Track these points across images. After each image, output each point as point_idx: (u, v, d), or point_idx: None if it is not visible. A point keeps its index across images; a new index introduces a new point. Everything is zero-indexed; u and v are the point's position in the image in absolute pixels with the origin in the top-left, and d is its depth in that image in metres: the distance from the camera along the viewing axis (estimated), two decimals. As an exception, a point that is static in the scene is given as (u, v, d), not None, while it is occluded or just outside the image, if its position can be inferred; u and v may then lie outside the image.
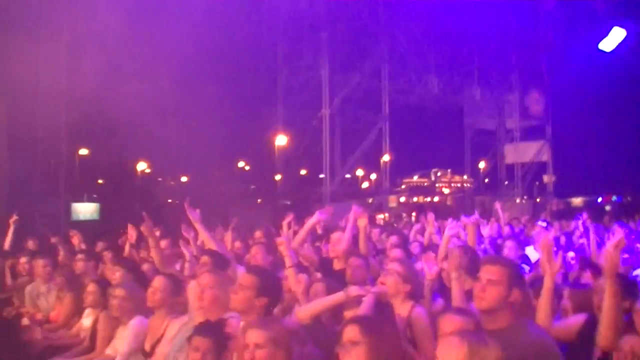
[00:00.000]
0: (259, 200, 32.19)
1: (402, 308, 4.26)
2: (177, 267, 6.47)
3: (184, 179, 37.47)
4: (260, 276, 3.88)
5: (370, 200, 29.80)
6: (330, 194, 25.20)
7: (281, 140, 27.57)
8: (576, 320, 4.02)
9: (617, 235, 3.40)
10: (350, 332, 2.91)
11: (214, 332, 3.54)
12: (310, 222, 6.37)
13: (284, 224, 7.18)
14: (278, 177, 29.03)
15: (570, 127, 35.06)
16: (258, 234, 8.79)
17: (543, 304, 3.78)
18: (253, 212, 22.54)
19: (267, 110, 27.60)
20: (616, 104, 40.18)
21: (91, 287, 5.52)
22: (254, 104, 26.03)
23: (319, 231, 9.30)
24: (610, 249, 3.35)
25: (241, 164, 37.67)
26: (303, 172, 30.68)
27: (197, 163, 27.78)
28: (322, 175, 26.04)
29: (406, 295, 4.38)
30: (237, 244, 7.70)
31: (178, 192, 31.10)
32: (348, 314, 3.76)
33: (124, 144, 22.15)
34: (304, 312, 3.98)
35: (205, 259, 5.16)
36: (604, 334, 3.39)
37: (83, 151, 26.16)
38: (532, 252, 8.08)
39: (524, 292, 3.90)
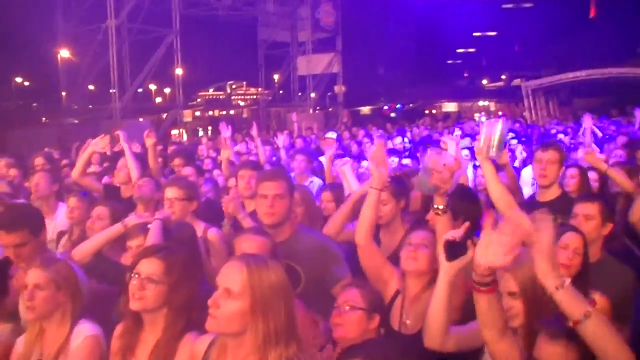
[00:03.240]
0: (43, 119, 29.64)
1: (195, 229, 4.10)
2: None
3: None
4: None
5: (164, 116, 28.80)
6: (121, 110, 23.81)
7: (64, 53, 25.28)
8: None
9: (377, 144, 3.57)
10: (149, 267, 2.71)
11: None
12: (88, 150, 5.92)
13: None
14: (63, 93, 26.75)
15: (359, 39, 36.53)
16: (39, 160, 7.91)
17: (341, 210, 3.90)
18: (34, 132, 20.76)
19: (48, 20, 24.94)
20: (399, 19, 42.52)
21: None
22: (30, 13, 23.29)
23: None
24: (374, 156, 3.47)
25: (19, 79, 34.16)
26: (91, 87, 28.56)
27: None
28: (112, 91, 24.43)
29: (194, 215, 4.27)
30: (13, 171, 6.94)
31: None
32: (132, 243, 3.59)
33: None
34: (80, 251, 3.73)
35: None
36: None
37: None
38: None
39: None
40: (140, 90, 28.31)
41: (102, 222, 4.30)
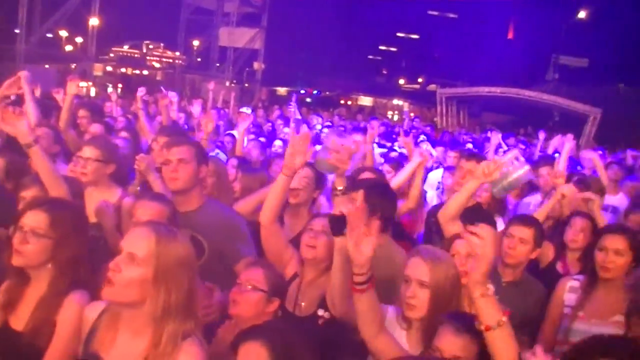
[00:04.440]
0: None
1: (109, 194, 3.90)
2: None
3: None
4: None
5: (73, 66, 27.41)
6: (25, 52, 22.38)
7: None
8: None
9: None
10: (34, 220, 2.53)
11: None
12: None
13: None
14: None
15: (284, 19, 36.35)
16: None
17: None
18: None
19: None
20: (327, 5, 42.71)
21: None
22: None
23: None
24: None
25: None
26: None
27: None
28: (17, 31, 22.92)
29: (110, 179, 3.99)
30: None
31: None
32: (26, 194, 3.41)
33: None
34: None
35: None
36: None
37: None
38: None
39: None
40: (49, 35, 26.79)
41: None
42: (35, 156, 3.25)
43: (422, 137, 10.54)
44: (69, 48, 36.05)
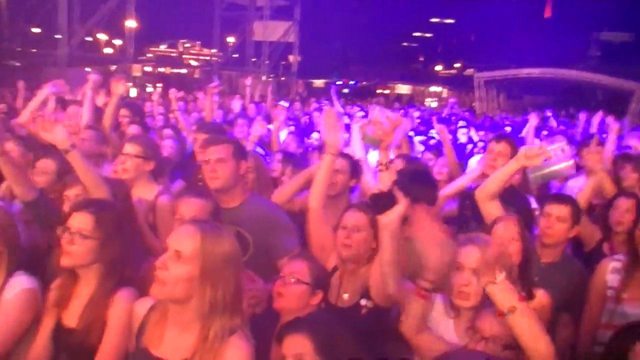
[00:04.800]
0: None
1: (147, 191, 3.96)
2: None
3: None
4: None
5: (112, 68, 27.93)
6: (66, 57, 22.90)
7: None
8: None
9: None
10: (79, 221, 2.59)
11: None
12: (42, 93, 5.60)
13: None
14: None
15: (317, 10, 36.27)
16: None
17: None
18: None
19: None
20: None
21: None
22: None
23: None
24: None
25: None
26: (36, 30, 27.34)
27: None
28: (58, 36, 23.44)
29: (150, 176, 4.06)
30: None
31: None
32: (69, 192, 3.42)
33: None
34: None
35: None
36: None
37: None
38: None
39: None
40: (89, 39, 27.33)
41: (46, 176, 4.05)
42: (74, 161, 3.31)
43: (461, 122, 10.44)
44: (108, 50, 36.70)
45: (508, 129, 11.11)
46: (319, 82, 44.27)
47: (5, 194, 4.16)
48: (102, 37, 32.29)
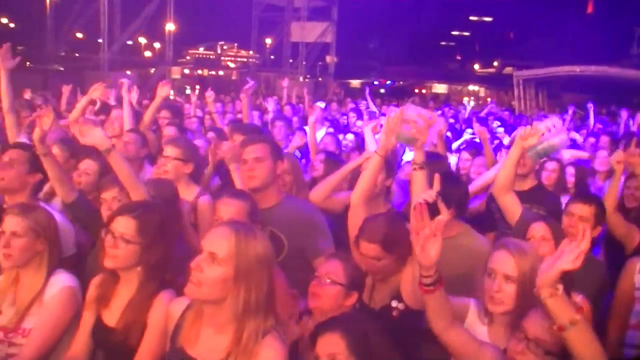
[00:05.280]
0: (27, 64, 29.02)
1: (187, 192, 4.02)
2: None
3: None
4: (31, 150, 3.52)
5: (152, 71, 28.42)
6: (108, 61, 23.43)
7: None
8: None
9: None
10: (123, 226, 2.64)
11: None
12: (87, 97, 5.74)
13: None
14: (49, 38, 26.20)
15: (354, 11, 36.22)
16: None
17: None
18: (18, 76, 20.21)
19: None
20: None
21: None
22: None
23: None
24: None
25: (4, 20, 33.36)
26: (79, 35, 27.98)
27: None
28: (100, 40, 23.98)
29: (189, 178, 4.13)
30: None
31: None
32: (106, 195, 3.52)
33: None
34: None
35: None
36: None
37: None
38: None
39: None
40: (129, 42, 27.84)
41: (88, 177, 4.17)
42: (114, 161, 3.31)
43: (496, 122, 10.31)
44: (147, 54, 37.37)
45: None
46: (355, 83, 44.20)
47: (45, 194, 4.32)
48: (142, 40, 32.88)
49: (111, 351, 2.67)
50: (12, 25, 33.71)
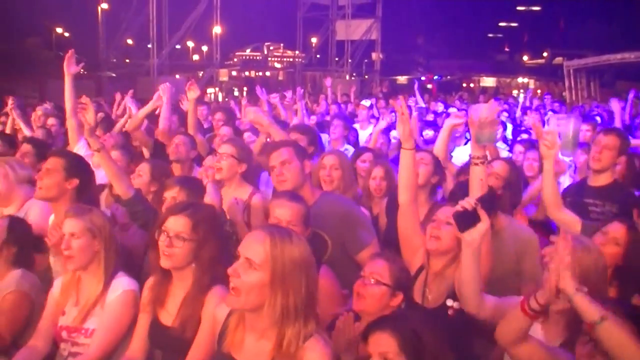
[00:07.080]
0: (81, 71, 29.80)
1: (241, 191, 4.08)
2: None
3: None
4: (68, 157, 3.68)
5: (200, 74, 28.88)
6: (157, 66, 23.94)
7: (105, 5, 25.43)
8: None
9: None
10: (177, 224, 2.70)
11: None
12: (150, 104, 5.87)
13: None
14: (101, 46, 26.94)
15: (399, 6, 35.98)
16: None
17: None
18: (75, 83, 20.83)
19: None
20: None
21: None
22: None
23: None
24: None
25: (59, 29, 34.42)
26: (130, 42, 28.66)
27: (9, 28, 24.76)
28: (149, 46, 24.53)
29: (242, 178, 4.18)
30: (52, 120, 7.07)
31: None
32: (168, 194, 3.59)
33: None
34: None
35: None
36: None
37: None
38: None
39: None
40: (177, 47, 28.34)
41: (140, 178, 4.35)
42: (102, 159, 3.67)
43: (549, 114, 10.08)
44: (195, 57, 37.97)
45: (598, 118, 10.65)
46: (402, 79, 43.91)
47: (103, 200, 4.49)
48: (190, 44, 33.42)
49: (169, 350, 2.74)
50: (66, 34, 34.74)
